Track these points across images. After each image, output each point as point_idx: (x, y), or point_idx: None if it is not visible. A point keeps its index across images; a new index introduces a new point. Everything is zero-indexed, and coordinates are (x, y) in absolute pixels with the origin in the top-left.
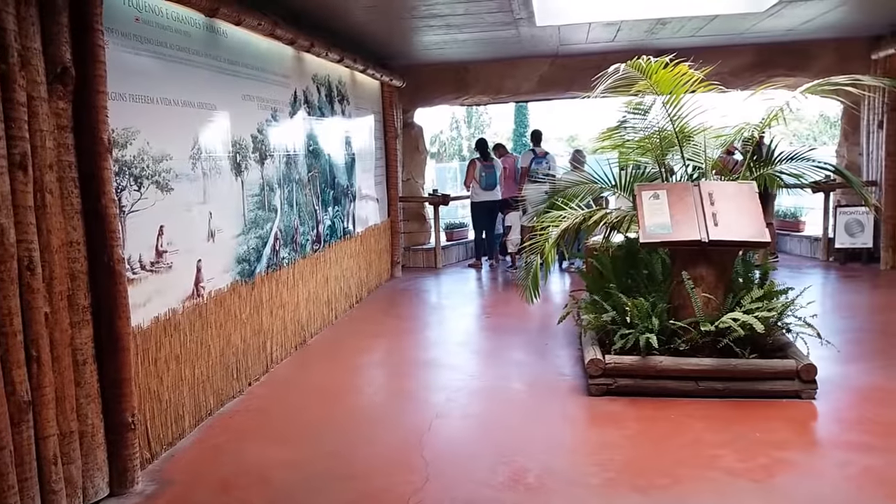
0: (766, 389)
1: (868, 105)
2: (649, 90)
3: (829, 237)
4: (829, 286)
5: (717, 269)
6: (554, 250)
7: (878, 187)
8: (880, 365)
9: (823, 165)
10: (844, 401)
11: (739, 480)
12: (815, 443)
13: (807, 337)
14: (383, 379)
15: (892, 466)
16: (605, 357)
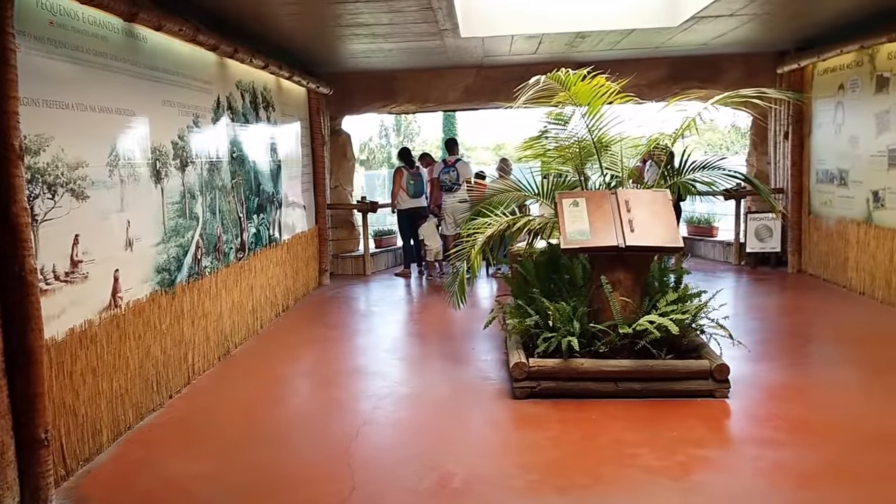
0: (682, 389)
1: (775, 117)
2: (569, 101)
3: (741, 242)
4: (740, 289)
5: (633, 273)
6: (480, 256)
7: (784, 194)
8: (788, 364)
9: (733, 174)
10: (755, 399)
11: (658, 478)
12: (729, 440)
13: (719, 338)
14: (310, 388)
15: (800, 460)
16: (529, 360)
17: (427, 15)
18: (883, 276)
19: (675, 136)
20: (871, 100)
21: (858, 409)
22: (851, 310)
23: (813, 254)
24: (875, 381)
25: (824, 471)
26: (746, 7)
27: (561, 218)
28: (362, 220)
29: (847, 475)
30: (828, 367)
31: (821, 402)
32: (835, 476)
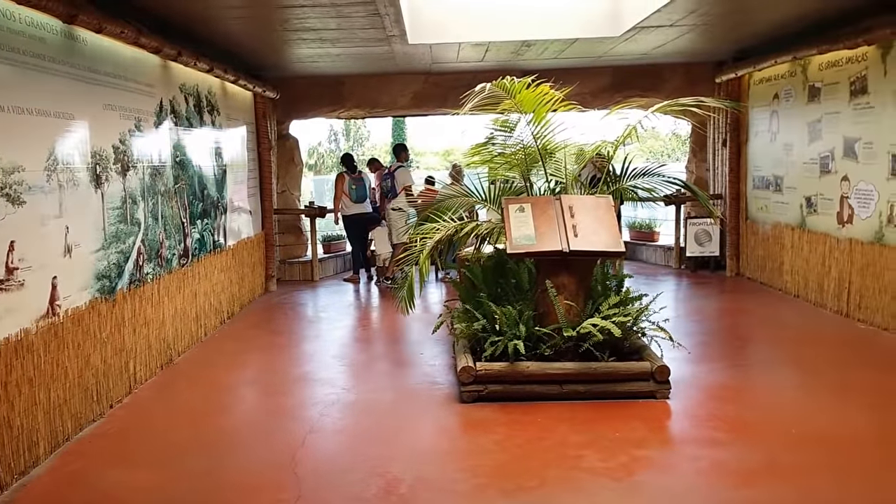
0: (625, 390)
1: (713, 125)
2: (514, 109)
3: (681, 246)
4: (680, 292)
5: (577, 277)
6: (428, 262)
7: (723, 200)
8: (727, 365)
9: (673, 180)
10: (695, 399)
11: (601, 479)
12: (670, 440)
13: (660, 340)
14: (255, 396)
15: (738, 459)
16: (476, 364)
17: (374, 21)
18: (815, 279)
19: (617, 144)
20: (803, 109)
21: (794, 408)
22: (787, 312)
23: (750, 258)
24: (809, 381)
25: (762, 469)
26: (686, 18)
27: (507, 223)
28: (310, 225)
29: (785, 473)
30: (765, 368)
31: (758, 402)
32: (773, 474)
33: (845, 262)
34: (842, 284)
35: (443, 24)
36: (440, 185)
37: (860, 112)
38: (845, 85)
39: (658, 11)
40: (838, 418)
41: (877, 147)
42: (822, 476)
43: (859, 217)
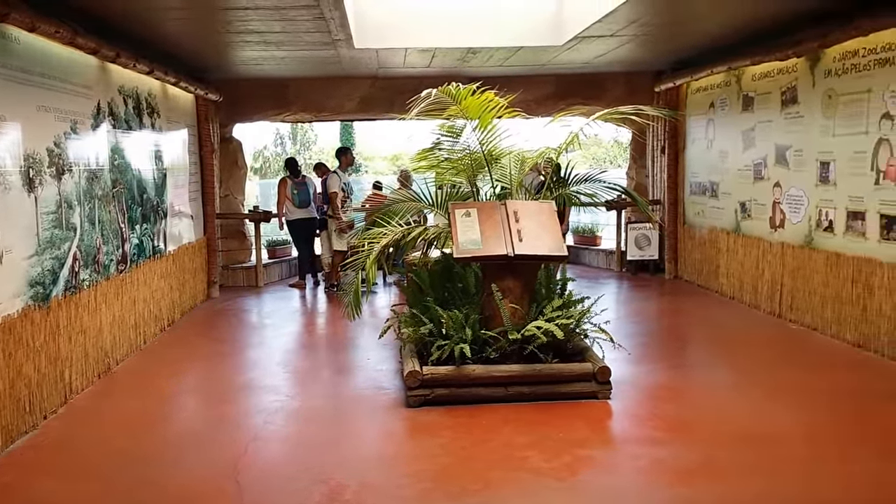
0: (568, 391)
1: (652, 132)
2: (460, 115)
3: (622, 250)
4: (621, 295)
5: (522, 281)
6: (375, 266)
7: (661, 205)
8: (666, 365)
9: (613, 186)
10: (636, 399)
11: (545, 479)
12: (611, 439)
13: (602, 341)
14: (197, 405)
15: (677, 457)
16: (423, 368)
17: (320, 25)
18: (750, 281)
19: (560, 150)
20: (738, 118)
21: (731, 407)
22: (723, 313)
23: (688, 261)
24: (744, 381)
25: (700, 467)
26: (626, 28)
27: (454, 228)
28: (254, 229)
29: (721, 471)
30: (702, 368)
31: (696, 401)
32: (709, 472)
33: (777, 265)
34: (774, 286)
35: (389, 29)
36: (388, 189)
37: (791, 121)
38: (777, 95)
39: (599, 21)
40: (772, 417)
41: (806, 154)
42: (756, 474)
43: (790, 222)
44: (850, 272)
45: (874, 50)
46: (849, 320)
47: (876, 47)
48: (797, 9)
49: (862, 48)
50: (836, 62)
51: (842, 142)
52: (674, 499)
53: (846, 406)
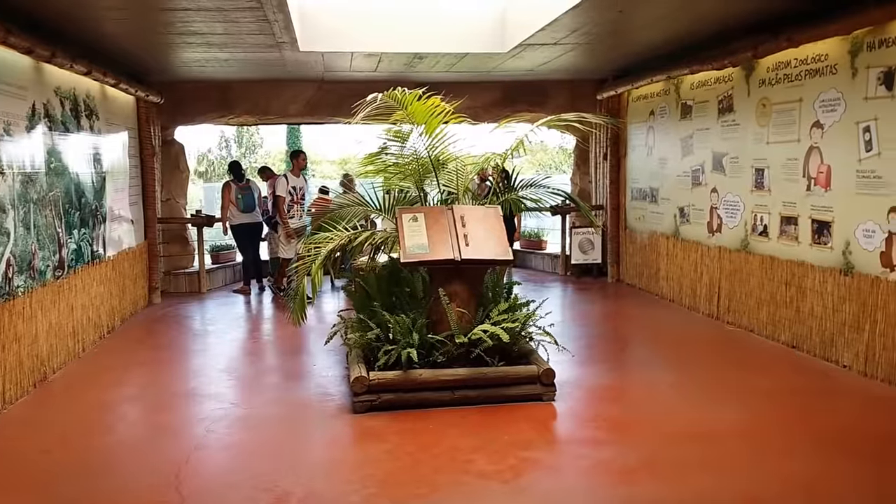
0: (513, 394)
1: (595, 139)
2: (406, 120)
3: (566, 254)
4: (566, 298)
5: (469, 285)
6: (321, 271)
7: (604, 210)
8: (609, 367)
9: (557, 192)
10: (580, 400)
11: (490, 482)
12: (555, 441)
13: (547, 344)
14: (137, 414)
15: (620, 457)
16: (370, 374)
17: (263, 27)
18: (689, 284)
19: (505, 156)
20: (677, 125)
21: (672, 407)
22: (663, 315)
23: (629, 265)
24: (684, 381)
25: (642, 467)
26: (568, 37)
27: (401, 232)
28: (197, 234)
29: (663, 470)
30: (645, 369)
31: (639, 401)
32: (652, 471)
33: (715, 268)
34: (712, 289)
35: (335, 32)
36: (333, 194)
37: (727, 129)
38: (714, 103)
39: (542, 30)
40: (712, 416)
41: (742, 161)
42: (696, 472)
43: (727, 226)
44: (784, 275)
45: (805, 61)
46: (783, 322)
47: (806, 58)
48: (732, 21)
49: (793, 59)
50: (770, 72)
51: (775, 149)
52: (616, 498)
53: (783, 405)
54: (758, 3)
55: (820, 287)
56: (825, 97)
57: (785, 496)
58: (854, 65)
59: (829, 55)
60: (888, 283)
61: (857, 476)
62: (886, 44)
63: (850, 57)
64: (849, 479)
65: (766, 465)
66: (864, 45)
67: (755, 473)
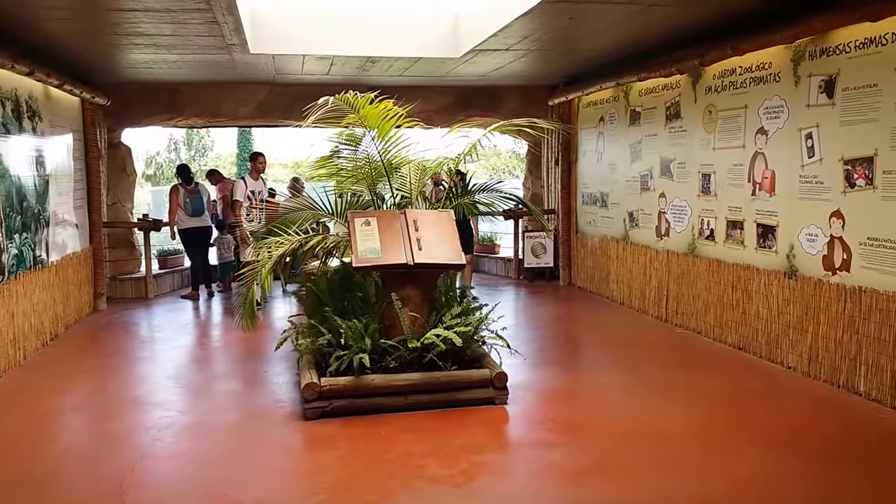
0: (466, 398)
1: (547, 145)
2: (359, 123)
3: (519, 258)
4: (519, 301)
5: (422, 289)
6: (271, 276)
7: (556, 215)
8: (562, 369)
9: (509, 196)
10: (532, 403)
11: (442, 487)
12: (507, 444)
13: (499, 348)
14: (81, 423)
15: (571, 459)
16: (321, 380)
17: (213, 28)
18: (638, 287)
19: (458, 161)
20: (626, 131)
21: (623, 408)
22: (614, 318)
23: (581, 268)
24: (634, 382)
25: (593, 467)
26: (520, 43)
27: (353, 236)
28: (144, 239)
29: (614, 471)
30: (596, 371)
31: (590, 403)
32: (603, 472)
33: (663, 271)
34: (661, 292)
35: (287, 35)
36: (281, 197)
37: (675, 135)
38: (662, 110)
39: (494, 35)
40: (662, 417)
41: (689, 167)
42: (647, 472)
43: (675, 230)
44: (731, 278)
45: (749, 69)
46: (729, 324)
47: (751, 66)
48: (679, 29)
49: (738, 67)
50: (716, 79)
51: (721, 155)
52: (567, 500)
53: (732, 405)
54: (704, 12)
55: (765, 290)
56: (769, 104)
57: (734, 495)
58: (797, 73)
59: (773, 63)
60: (830, 286)
61: (806, 475)
62: (827, 53)
63: (793, 65)
64: (797, 477)
65: (715, 465)
66: (806, 53)
67: (705, 473)
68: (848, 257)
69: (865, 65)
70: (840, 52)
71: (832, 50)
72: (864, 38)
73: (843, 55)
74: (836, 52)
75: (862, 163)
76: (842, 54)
